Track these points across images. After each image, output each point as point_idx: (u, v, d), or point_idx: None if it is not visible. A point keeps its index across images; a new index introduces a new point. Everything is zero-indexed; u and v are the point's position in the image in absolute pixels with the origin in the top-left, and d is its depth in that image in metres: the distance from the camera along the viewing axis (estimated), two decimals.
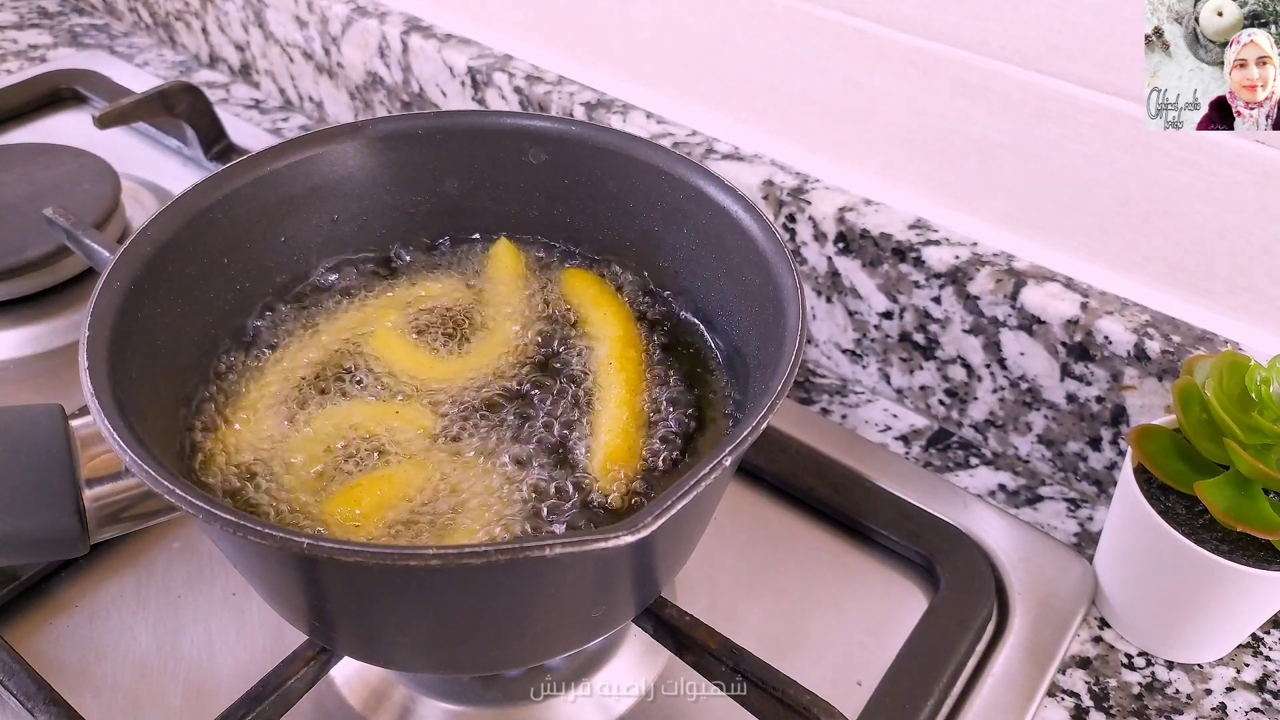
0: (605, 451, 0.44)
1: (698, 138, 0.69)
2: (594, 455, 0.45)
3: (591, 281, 0.53)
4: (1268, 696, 0.51)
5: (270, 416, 0.46)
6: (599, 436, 0.45)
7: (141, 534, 0.56)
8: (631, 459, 0.45)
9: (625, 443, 0.45)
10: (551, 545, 0.31)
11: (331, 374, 0.48)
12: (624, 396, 0.47)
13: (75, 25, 1.11)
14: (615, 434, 0.45)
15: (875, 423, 0.66)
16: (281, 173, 0.50)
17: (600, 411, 0.47)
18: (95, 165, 0.78)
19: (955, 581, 0.53)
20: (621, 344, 0.49)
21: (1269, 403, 0.45)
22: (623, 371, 0.48)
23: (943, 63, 0.57)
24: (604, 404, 0.47)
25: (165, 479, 0.33)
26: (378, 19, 0.83)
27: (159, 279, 0.44)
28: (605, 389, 0.47)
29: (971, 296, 0.59)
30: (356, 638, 0.42)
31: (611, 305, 0.51)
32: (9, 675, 0.48)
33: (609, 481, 0.44)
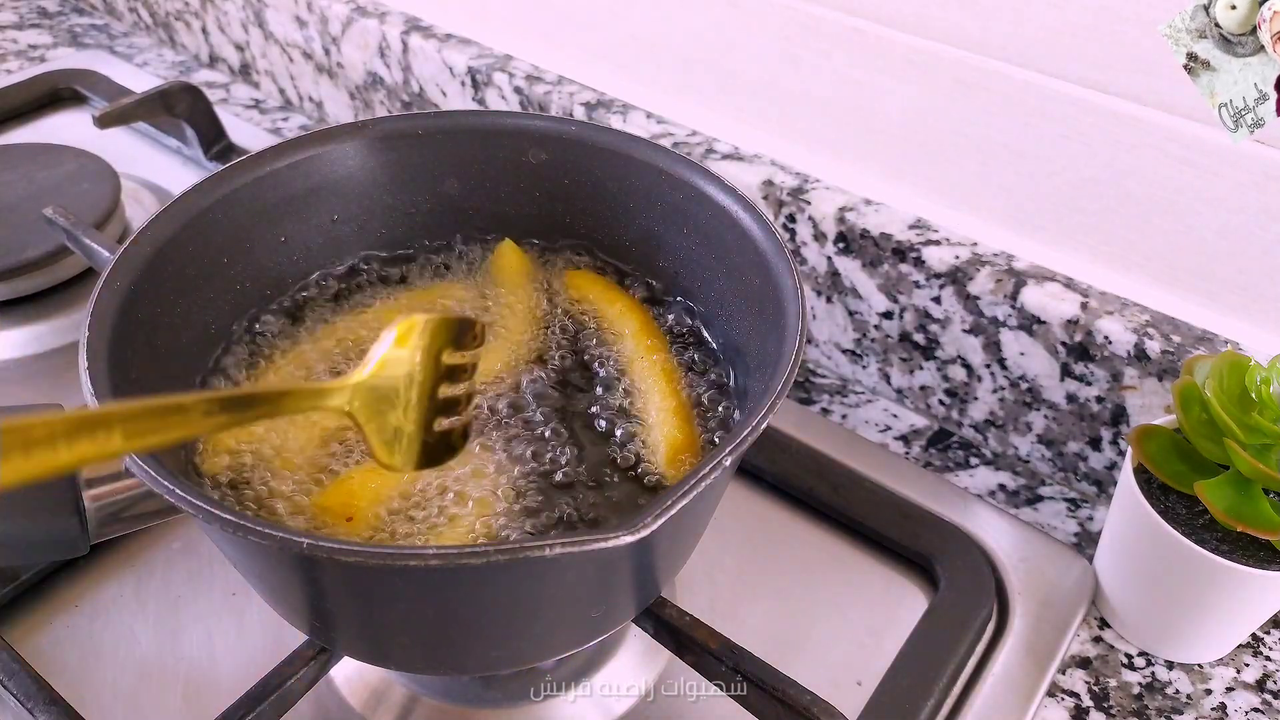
0: (668, 443, 0.45)
1: (698, 138, 0.69)
2: (655, 449, 0.45)
3: (597, 280, 0.53)
4: (1268, 696, 0.51)
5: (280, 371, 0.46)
6: (654, 430, 0.46)
7: (141, 534, 0.56)
8: (694, 446, 0.45)
9: (684, 433, 0.46)
10: (551, 545, 0.31)
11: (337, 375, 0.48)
12: (666, 388, 0.47)
13: (75, 25, 1.11)
14: (672, 425, 0.46)
15: (875, 423, 0.66)
16: (281, 173, 0.50)
17: (646, 405, 0.47)
18: (95, 165, 0.78)
19: (955, 581, 0.53)
20: (646, 336, 0.50)
21: (1269, 403, 0.45)
22: (656, 363, 0.48)
23: (943, 63, 0.57)
24: (648, 397, 0.47)
25: (165, 479, 0.33)
26: (378, 19, 0.83)
27: (159, 279, 0.44)
28: (644, 382, 0.48)
29: (971, 296, 0.59)
30: (356, 638, 0.42)
31: (623, 300, 0.52)
32: (9, 675, 0.48)
33: (679, 471, 0.44)
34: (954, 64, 0.57)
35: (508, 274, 0.53)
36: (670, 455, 0.45)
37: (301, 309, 0.51)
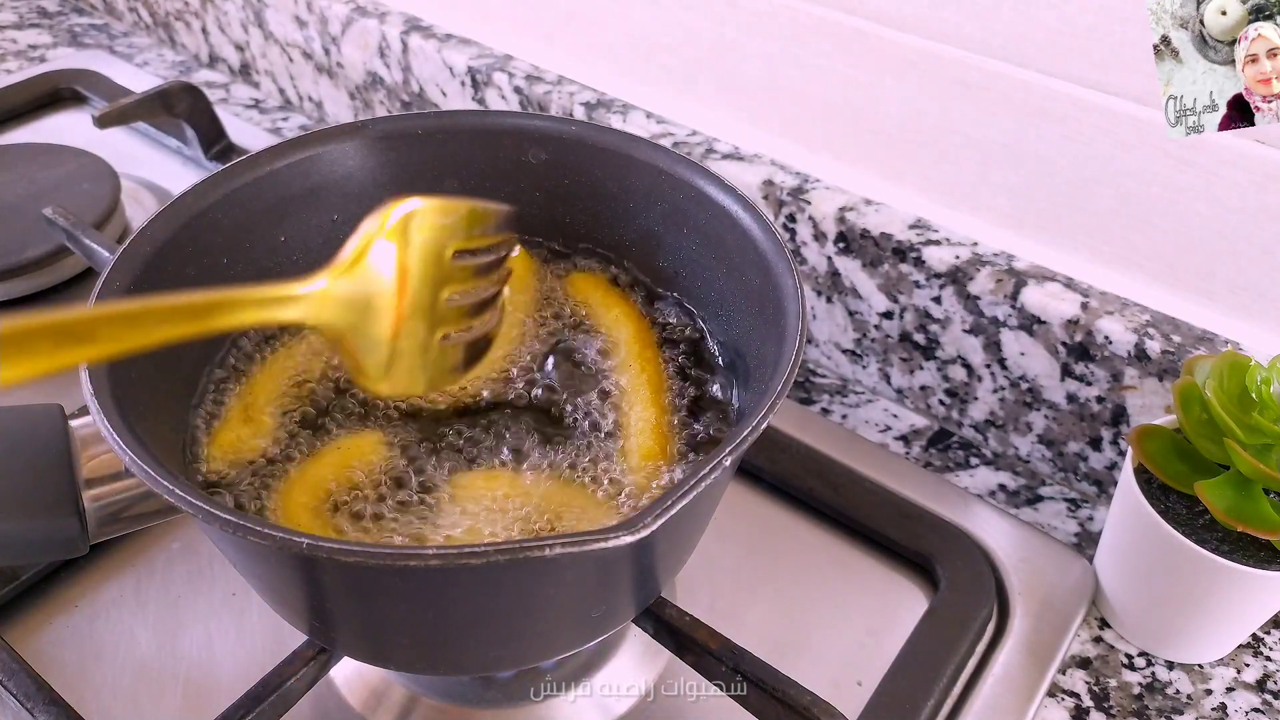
0: (640, 451, 0.45)
1: (698, 138, 0.69)
2: (628, 455, 0.45)
3: (599, 284, 0.53)
4: (1268, 697, 0.51)
5: (271, 417, 0.46)
6: (631, 438, 0.46)
7: (141, 534, 0.56)
8: (667, 456, 0.45)
9: (658, 441, 0.45)
10: (551, 545, 0.31)
11: (334, 381, 0.48)
12: (650, 396, 0.47)
13: (75, 25, 1.11)
14: (647, 434, 0.45)
15: (875, 423, 0.66)
16: (281, 173, 0.49)
17: (628, 412, 0.47)
18: (95, 165, 0.78)
19: (955, 581, 0.53)
20: (639, 344, 0.50)
21: (1269, 403, 0.45)
22: (644, 371, 0.48)
23: (943, 63, 0.57)
24: (631, 405, 0.47)
25: (165, 479, 0.33)
26: (377, 19, 0.83)
27: (159, 279, 0.44)
28: (630, 390, 0.48)
29: (972, 296, 0.59)
30: (356, 638, 0.42)
31: (621, 306, 0.51)
32: (9, 675, 0.48)
33: (646, 479, 0.44)
34: (954, 64, 0.57)
35: (515, 277, 0.53)
36: (639, 462, 0.45)
37: None
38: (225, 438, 0.45)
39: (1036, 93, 0.55)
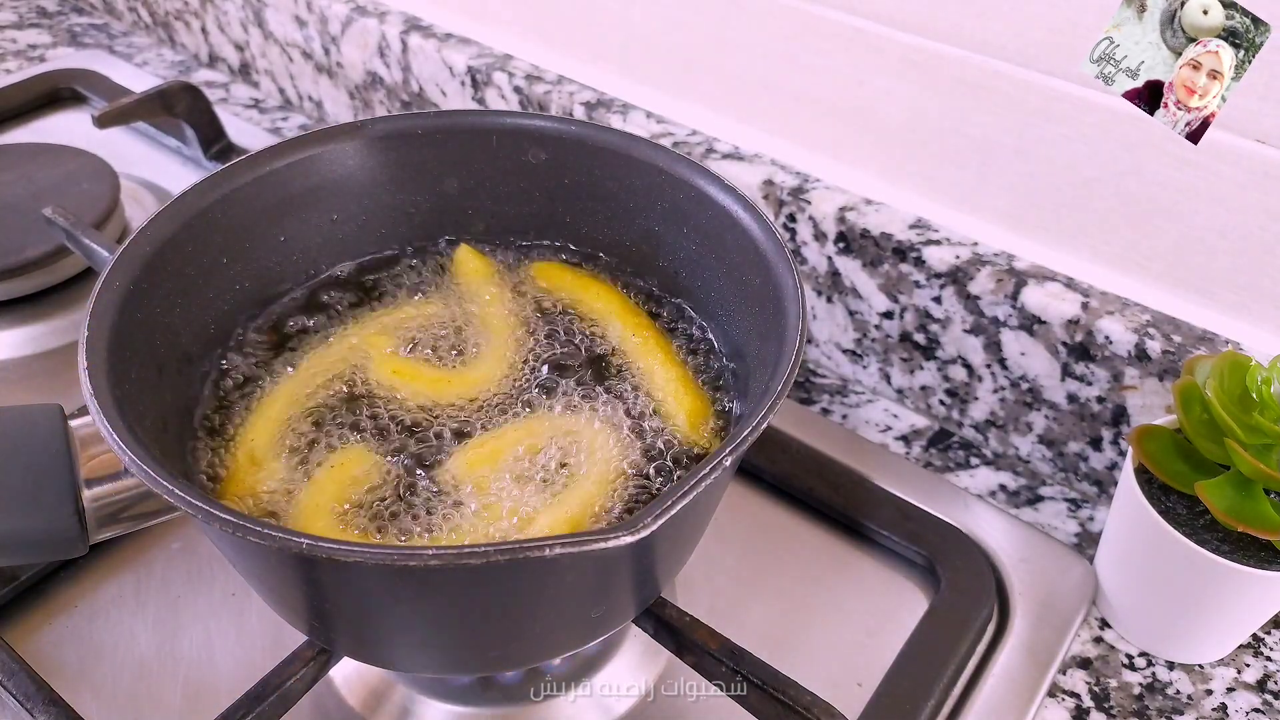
0: (686, 409, 0.46)
1: (698, 138, 0.69)
2: (674, 416, 0.46)
3: (566, 270, 0.53)
4: (1268, 697, 0.51)
5: (270, 418, 0.46)
6: (669, 401, 0.47)
7: (141, 534, 0.56)
8: (707, 409, 0.47)
9: (696, 396, 0.47)
10: (551, 545, 0.31)
11: (342, 399, 0.48)
12: (665, 358, 0.48)
13: (74, 25, 1.11)
14: (682, 392, 0.47)
15: (875, 423, 0.66)
16: (281, 172, 0.50)
17: (652, 377, 0.48)
18: (95, 165, 0.78)
19: (955, 582, 0.53)
20: (630, 315, 0.50)
21: (1270, 403, 0.45)
22: (647, 338, 0.49)
23: (943, 63, 0.57)
24: (651, 371, 0.48)
25: (165, 479, 0.33)
26: (377, 18, 0.83)
27: (159, 279, 0.44)
28: (642, 358, 0.48)
29: (972, 296, 0.58)
30: (356, 638, 0.42)
31: (597, 284, 0.52)
32: (9, 675, 0.48)
33: (701, 434, 0.45)
34: (954, 64, 0.57)
35: (471, 279, 0.53)
36: (691, 421, 0.46)
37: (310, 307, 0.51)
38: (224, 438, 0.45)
39: (1037, 93, 0.55)
